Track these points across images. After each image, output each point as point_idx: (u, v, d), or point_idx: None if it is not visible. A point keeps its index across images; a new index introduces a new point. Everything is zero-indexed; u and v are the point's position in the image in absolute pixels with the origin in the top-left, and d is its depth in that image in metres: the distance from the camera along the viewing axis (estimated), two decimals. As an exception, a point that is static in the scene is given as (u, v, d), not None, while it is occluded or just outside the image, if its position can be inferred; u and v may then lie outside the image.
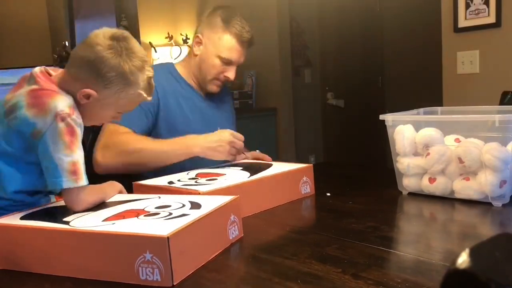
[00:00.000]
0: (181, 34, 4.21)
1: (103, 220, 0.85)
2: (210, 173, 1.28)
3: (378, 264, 0.80)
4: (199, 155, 1.33)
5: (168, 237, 0.72)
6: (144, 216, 0.86)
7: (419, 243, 0.95)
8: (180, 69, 1.59)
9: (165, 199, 0.98)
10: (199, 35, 1.54)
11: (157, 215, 0.85)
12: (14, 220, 0.89)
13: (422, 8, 3.75)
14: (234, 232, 0.93)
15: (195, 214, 0.84)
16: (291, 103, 3.85)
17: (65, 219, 0.87)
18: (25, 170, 1.02)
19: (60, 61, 5.51)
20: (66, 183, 0.95)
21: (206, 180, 1.19)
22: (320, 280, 0.74)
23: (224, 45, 1.49)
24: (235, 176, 1.22)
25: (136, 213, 0.88)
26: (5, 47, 5.71)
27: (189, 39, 4.22)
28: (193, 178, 1.22)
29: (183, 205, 0.91)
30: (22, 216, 0.91)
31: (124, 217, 0.86)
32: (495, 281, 0.34)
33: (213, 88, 1.57)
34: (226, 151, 1.32)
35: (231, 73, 1.53)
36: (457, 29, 2.37)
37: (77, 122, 0.98)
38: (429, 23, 3.28)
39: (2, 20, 5.79)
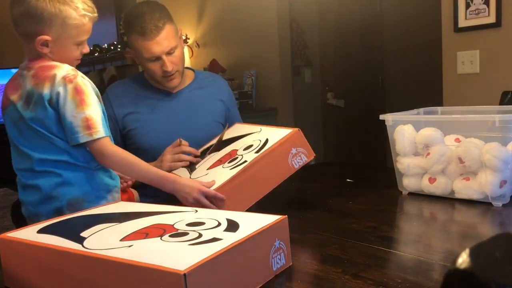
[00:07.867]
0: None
1: (121, 239, 0.75)
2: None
3: (378, 264, 0.80)
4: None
5: (184, 274, 0.60)
6: (170, 236, 0.75)
7: (419, 243, 0.95)
8: (146, 74, 1.61)
9: (201, 214, 0.88)
10: None
11: (184, 236, 0.74)
12: (30, 233, 0.82)
13: (422, 8, 3.75)
14: (279, 262, 0.78)
15: (228, 240, 0.71)
16: (291, 103, 3.85)
17: (82, 234, 0.79)
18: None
19: (60, 61, 5.51)
20: (82, 138, 1.04)
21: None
22: (320, 280, 0.74)
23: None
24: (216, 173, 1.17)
25: (163, 230, 0.78)
26: (5, 47, 5.71)
27: (189, 39, 4.22)
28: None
29: (219, 224, 0.79)
30: (40, 229, 0.84)
31: (146, 236, 0.76)
32: (495, 281, 0.34)
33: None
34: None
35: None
36: (457, 29, 2.37)
37: (83, 81, 1.08)
38: (429, 23, 3.28)
39: (2, 21, 5.79)
